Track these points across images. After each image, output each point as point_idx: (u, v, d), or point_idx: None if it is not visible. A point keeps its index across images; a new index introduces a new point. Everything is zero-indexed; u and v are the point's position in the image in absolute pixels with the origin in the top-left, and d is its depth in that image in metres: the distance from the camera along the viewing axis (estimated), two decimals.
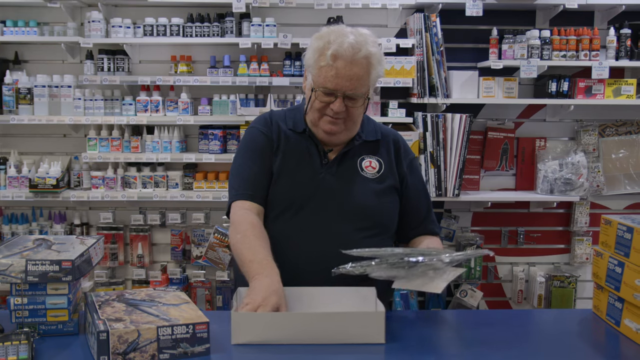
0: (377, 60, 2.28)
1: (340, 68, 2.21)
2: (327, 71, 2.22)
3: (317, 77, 2.27)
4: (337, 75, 2.21)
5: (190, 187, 4.46)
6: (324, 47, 2.24)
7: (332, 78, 2.22)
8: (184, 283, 4.58)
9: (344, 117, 2.29)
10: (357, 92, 2.25)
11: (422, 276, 2.02)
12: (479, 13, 4.19)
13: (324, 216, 2.30)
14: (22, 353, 1.74)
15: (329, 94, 2.26)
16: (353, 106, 2.28)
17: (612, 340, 2.04)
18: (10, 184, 4.37)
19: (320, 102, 2.28)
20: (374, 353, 1.87)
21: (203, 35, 4.30)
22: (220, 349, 1.84)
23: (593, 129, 4.64)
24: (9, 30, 4.29)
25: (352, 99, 2.26)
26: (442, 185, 4.28)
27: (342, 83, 2.22)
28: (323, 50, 2.23)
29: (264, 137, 2.40)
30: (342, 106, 2.25)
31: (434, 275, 2.02)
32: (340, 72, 2.21)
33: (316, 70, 2.27)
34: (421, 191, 2.51)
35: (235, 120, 4.33)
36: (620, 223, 2.08)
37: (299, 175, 2.35)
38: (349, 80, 2.22)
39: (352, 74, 2.22)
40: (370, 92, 2.33)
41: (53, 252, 2.00)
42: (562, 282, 4.62)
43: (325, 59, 2.22)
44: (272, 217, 2.33)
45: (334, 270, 2.02)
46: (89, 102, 4.35)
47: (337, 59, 2.20)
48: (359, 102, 2.29)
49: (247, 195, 2.32)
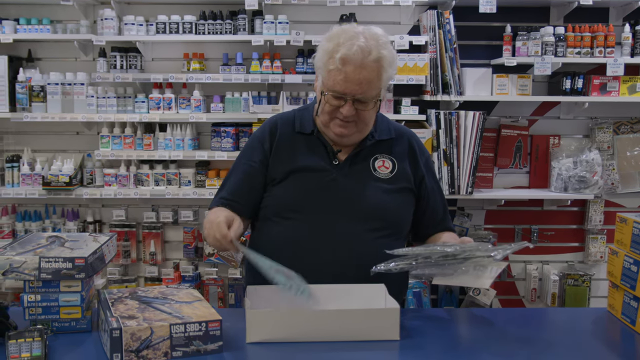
0: (388, 62, 2.21)
1: (350, 72, 2.16)
2: (336, 75, 2.18)
3: (326, 80, 2.22)
4: (346, 80, 2.16)
5: (203, 185, 4.46)
6: (333, 49, 2.18)
7: (342, 82, 2.17)
8: (197, 280, 4.58)
9: (354, 120, 2.25)
10: (367, 95, 2.20)
11: (467, 273, 2.02)
12: (492, 10, 4.17)
13: (335, 217, 2.28)
14: (35, 350, 1.74)
15: (339, 97, 2.21)
16: (363, 110, 2.23)
17: (627, 339, 2.03)
18: (23, 181, 4.38)
19: (330, 105, 2.24)
20: (389, 349, 1.87)
21: (215, 33, 4.29)
22: (233, 346, 1.84)
23: (608, 127, 4.60)
24: (22, 28, 4.31)
25: (362, 103, 2.22)
26: (455, 183, 4.26)
27: (351, 87, 2.17)
28: (332, 53, 2.18)
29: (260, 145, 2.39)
30: (351, 110, 2.21)
31: (479, 271, 2.01)
32: (349, 76, 2.16)
33: (325, 73, 2.22)
34: (437, 191, 2.49)
35: (248, 118, 4.33)
36: (636, 221, 2.06)
37: (307, 176, 2.32)
38: (359, 84, 2.17)
39: (361, 77, 2.16)
40: (382, 93, 2.28)
41: (66, 250, 2.00)
42: (576, 281, 4.59)
43: (334, 62, 2.16)
44: (280, 219, 2.32)
45: (372, 270, 2.03)
46: (102, 100, 4.36)
47: (346, 64, 2.15)
48: (370, 105, 2.24)
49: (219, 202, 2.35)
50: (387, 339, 1.90)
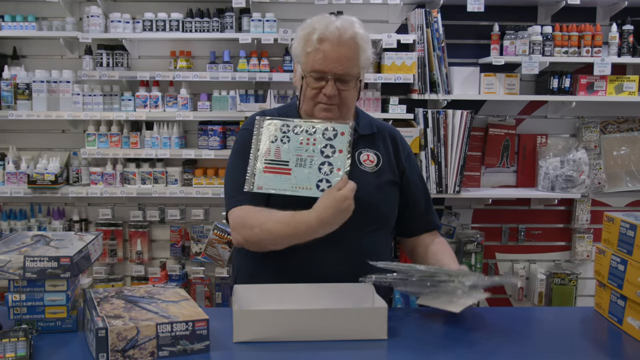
0: (364, 40, 2.25)
1: (328, 50, 2.19)
2: (314, 55, 2.20)
3: (305, 64, 2.24)
4: (325, 57, 2.19)
5: (190, 183, 4.45)
6: (309, 33, 2.22)
7: (321, 60, 2.20)
8: (183, 279, 4.56)
9: (337, 103, 2.26)
10: (348, 72, 2.22)
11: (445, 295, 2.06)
12: (480, 9, 4.17)
13: None
14: (20, 350, 1.73)
15: (320, 78, 2.23)
16: (345, 89, 2.25)
17: (614, 338, 2.03)
18: (8, 179, 4.35)
19: (312, 88, 2.25)
20: (376, 349, 1.87)
21: (203, 31, 4.28)
22: (220, 346, 1.83)
23: (595, 126, 4.62)
24: (7, 25, 4.27)
25: (343, 82, 2.23)
26: (443, 182, 4.26)
27: (331, 65, 2.20)
28: (309, 36, 2.22)
29: None
30: (334, 89, 2.22)
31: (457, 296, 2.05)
32: (327, 54, 2.19)
33: (304, 57, 2.24)
34: (420, 184, 2.49)
35: (235, 116, 4.32)
36: (624, 220, 2.06)
37: None
38: (338, 61, 2.19)
39: (340, 55, 2.19)
40: (362, 74, 2.31)
41: (51, 249, 1.98)
42: (563, 280, 4.61)
43: (312, 43, 2.20)
44: None
45: (361, 279, 2.04)
46: (88, 98, 4.33)
47: (324, 42, 2.19)
48: (351, 84, 2.26)
49: (241, 201, 2.27)
50: (375, 338, 1.89)
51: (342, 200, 2.06)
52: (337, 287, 2.10)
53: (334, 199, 2.07)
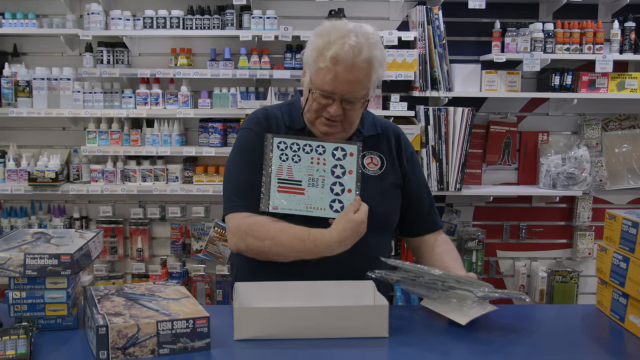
0: (378, 63, 2.18)
1: (340, 72, 2.12)
2: (325, 74, 2.14)
3: (315, 78, 2.19)
4: (336, 79, 2.13)
5: (190, 181, 4.44)
6: (324, 47, 2.14)
7: (331, 82, 2.14)
8: (184, 277, 4.56)
9: (341, 120, 2.23)
10: (355, 95, 2.18)
11: (451, 303, 2.04)
12: (481, 6, 4.16)
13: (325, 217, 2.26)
14: (20, 347, 1.72)
15: (327, 97, 2.18)
16: (351, 109, 2.21)
17: (616, 336, 2.03)
18: (9, 177, 4.35)
19: (318, 104, 2.21)
20: (378, 346, 1.86)
21: (203, 28, 4.27)
22: (220, 343, 1.82)
23: (596, 123, 4.61)
24: (7, 22, 4.27)
25: (350, 103, 2.19)
26: (444, 179, 4.26)
27: (340, 87, 2.15)
28: (323, 51, 2.14)
29: (257, 138, 2.30)
30: (339, 110, 2.18)
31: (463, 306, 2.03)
32: (339, 76, 2.13)
33: (315, 70, 2.18)
34: (423, 185, 2.48)
35: (236, 114, 4.31)
36: (625, 218, 2.05)
37: None
38: (348, 84, 2.14)
39: (351, 78, 2.14)
40: (370, 93, 2.25)
41: (52, 246, 1.98)
42: (564, 277, 4.60)
43: (325, 60, 2.13)
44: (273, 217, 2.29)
45: (369, 273, 2.03)
46: (88, 95, 4.33)
47: (337, 63, 2.12)
48: (357, 105, 2.21)
49: (242, 207, 2.25)
50: (376, 336, 1.88)
51: (359, 224, 2.13)
52: (338, 284, 2.09)
53: (351, 221, 2.13)
